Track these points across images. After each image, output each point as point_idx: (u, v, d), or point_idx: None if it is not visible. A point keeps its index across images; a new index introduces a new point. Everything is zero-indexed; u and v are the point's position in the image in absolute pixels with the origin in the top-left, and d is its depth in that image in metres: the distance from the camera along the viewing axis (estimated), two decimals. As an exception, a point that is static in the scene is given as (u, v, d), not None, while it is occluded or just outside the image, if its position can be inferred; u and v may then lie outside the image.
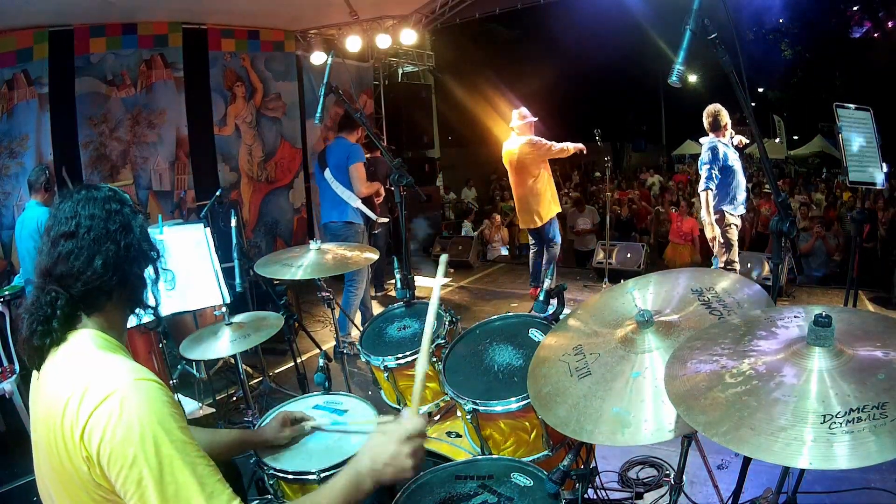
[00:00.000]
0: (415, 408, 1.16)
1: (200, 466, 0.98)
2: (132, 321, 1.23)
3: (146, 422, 0.95)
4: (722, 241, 4.40)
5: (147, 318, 1.25)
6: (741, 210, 4.43)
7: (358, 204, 4.23)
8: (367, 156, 5.28)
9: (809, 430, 0.84)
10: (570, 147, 5.15)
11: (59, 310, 1.06)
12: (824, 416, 0.85)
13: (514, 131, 5.20)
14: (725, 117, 4.37)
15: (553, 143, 5.08)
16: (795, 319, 1.11)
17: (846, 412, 0.84)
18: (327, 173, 4.22)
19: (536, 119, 5.18)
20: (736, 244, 4.45)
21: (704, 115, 4.45)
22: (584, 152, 5.17)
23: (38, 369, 1.08)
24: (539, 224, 5.24)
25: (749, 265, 5.39)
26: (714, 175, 4.28)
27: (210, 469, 1.00)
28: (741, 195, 4.40)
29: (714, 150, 4.29)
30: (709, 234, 4.45)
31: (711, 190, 4.30)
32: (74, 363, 1.03)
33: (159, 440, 0.95)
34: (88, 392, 0.97)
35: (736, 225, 4.41)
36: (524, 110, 5.18)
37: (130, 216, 1.13)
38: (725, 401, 0.95)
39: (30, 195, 3.91)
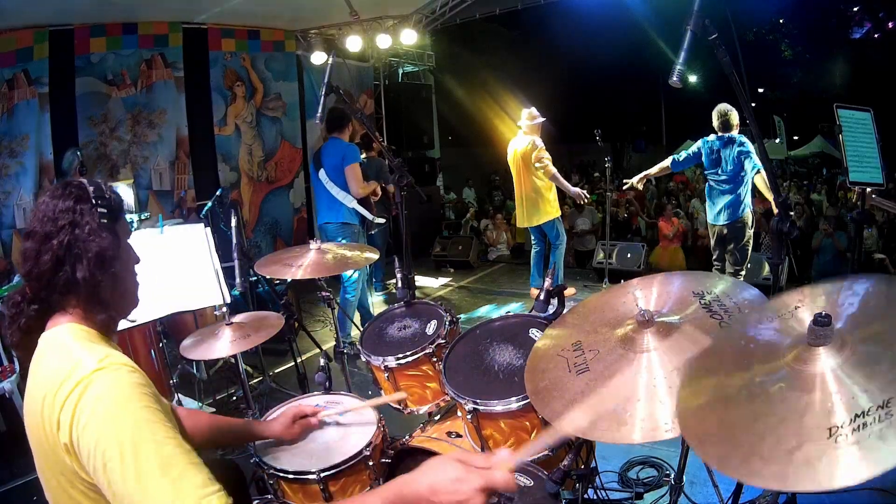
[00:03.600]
0: (514, 463, 0.96)
1: (168, 447, 0.94)
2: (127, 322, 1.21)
3: (109, 405, 0.94)
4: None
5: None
6: None
7: (354, 204, 4.21)
8: (363, 156, 5.30)
9: (817, 447, 0.81)
10: (570, 187, 5.33)
11: (23, 308, 1.08)
12: (829, 429, 0.82)
13: (522, 130, 5.21)
14: (735, 118, 4.30)
15: (555, 169, 5.15)
16: (792, 316, 1.08)
17: (851, 419, 0.82)
18: (322, 174, 4.19)
19: (545, 119, 5.20)
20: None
21: (715, 114, 4.36)
22: (583, 202, 5.34)
23: (28, 359, 1.09)
24: (541, 222, 5.25)
25: (749, 265, 5.39)
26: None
27: (181, 450, 0.95)
28: None
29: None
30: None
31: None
32: (53, 358, 1.03)
33: (122, 422, 0.93)
34: (62, 384, 0.97)
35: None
36: (534, 110, 5.19)
37: (81, 214, 1.07)
38: (731, 428, 0.91)
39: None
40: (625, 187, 4.72)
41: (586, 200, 5.50)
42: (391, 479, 1.04)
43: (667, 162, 4.65)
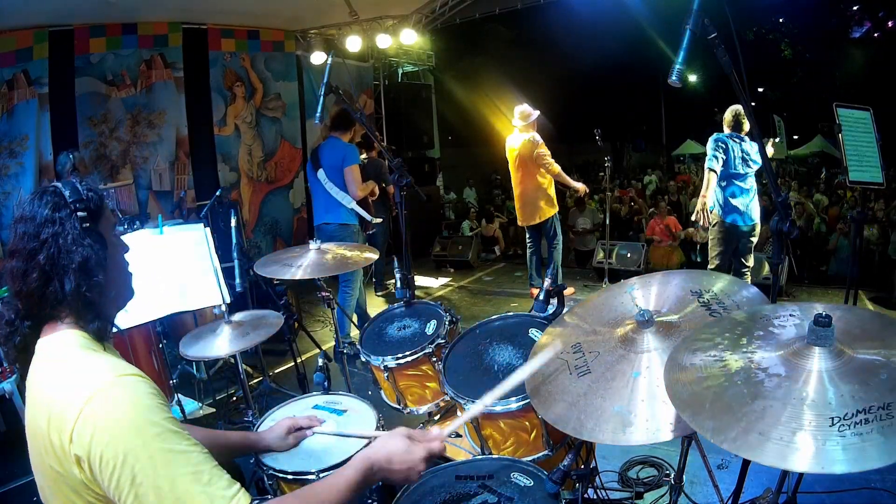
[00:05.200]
0: (446, 433, 1.24)
1: (194, 454, 0.97)
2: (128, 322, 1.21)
3: (133, 417, 0.94)
4: None
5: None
6: None
7: (353, 205, 4.17)
8: (363, 157, 5.29)
9: (819, 433, 0.83)
10: (572, 182, 5.37)
11: (17, 327, 1.07)
12: (832, 418, 0.84)
13: (517, 128, 5.19)
14: (747, 122, 4.24)
15: (558, 167, 5.16)
16: (791, 318, 1.10)
17: (854, 413, 0.84)
18: (321, 174, 4.14)
19: (539, 113, 5.18)
20: None
21: (728, 113, 4.24)
22: (584, 195, 5.38)
23: (26, 370, 1.08)
24: (539, 221, 5.24)
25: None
26: None
27: (204, 456, 0.99)
28: None
29: None
30: None
31: None
32: (57, 366, 1.02)
33: (148, 434, 0.94)
34: (73, 395, 0.96)
35: None
36: (526, 107, 5.17)
37: (61, 223, 1.04)
38: (731, 405, 0.93)
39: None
40: (700, 223, 4.16)
41: (587, 193, 5.59)
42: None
43: (711, 175, 4.15)
